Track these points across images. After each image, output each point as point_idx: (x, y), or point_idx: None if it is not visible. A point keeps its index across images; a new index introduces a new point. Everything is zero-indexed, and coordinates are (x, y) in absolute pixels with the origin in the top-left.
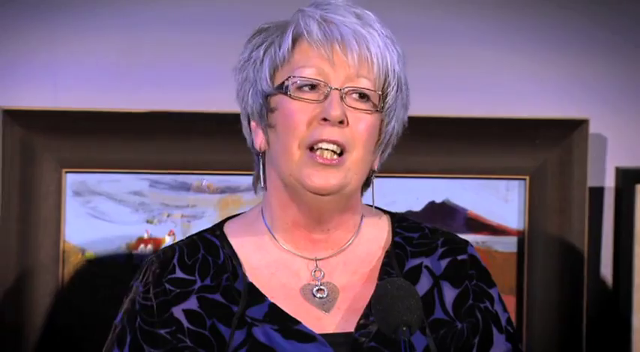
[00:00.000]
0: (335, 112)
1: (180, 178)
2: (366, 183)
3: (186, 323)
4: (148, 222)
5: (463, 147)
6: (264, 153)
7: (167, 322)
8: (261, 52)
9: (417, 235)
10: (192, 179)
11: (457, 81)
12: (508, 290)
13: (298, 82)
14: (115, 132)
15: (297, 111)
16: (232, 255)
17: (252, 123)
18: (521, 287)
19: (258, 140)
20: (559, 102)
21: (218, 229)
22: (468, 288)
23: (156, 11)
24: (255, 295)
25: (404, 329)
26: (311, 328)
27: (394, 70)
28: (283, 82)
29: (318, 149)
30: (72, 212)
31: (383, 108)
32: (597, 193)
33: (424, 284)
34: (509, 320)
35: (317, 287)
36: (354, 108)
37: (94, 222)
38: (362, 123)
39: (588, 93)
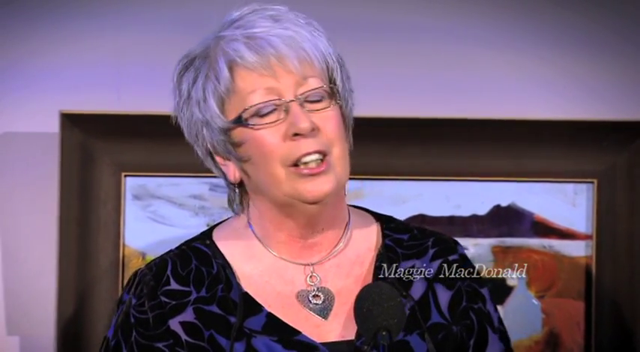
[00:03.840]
0: (304, 124)
1: None
2: None
3: (184, 336)
4: (208, 225)
5: (530, 150)
6: (240, 182)
7: (164, 335)
8: (200, 90)
9: (407, 237)
10: None
11: (523, 83)
12: (576, 296)
13: (254, 110)
14: (175, 135)
15: (267, 138)
16: (225, 265)
17: (217, 158)
18: (590, 292)
19: (231, 173)
20: (627, 104)
21: (207, 238)
22: (461, 289)
23: (215, 13)
24: (251, 305)
25: (383, 333)
26: (311, 336)
27: (330, 53)
28: (240, 116)
29: (301, 163)
30: (132, 216)
31: (338, 95)
32: None
33: (418, 288)
34: (500, 319)
35: (313, 293)
36: (316, 111)
37: (154, 225)
38: (329, 121)
39: None
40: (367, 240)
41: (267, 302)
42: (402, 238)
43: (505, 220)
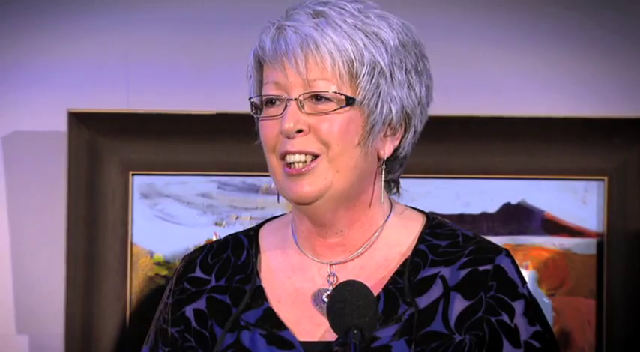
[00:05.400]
0: (286, 125)
1: (249, 180)
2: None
3: (193, 323)
4: (216, 224)
5: (540, 148)
6: None
7: (178, 320)
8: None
9: (446, 243)
10: (261, 181)
11: (533, 81)
12: (588, 293)
13: (256, 101)
14: (183, 134)
15: (266, 128)
16: (255, 256)
17: None
18: (601, 290)
19: None
20: (638, 102)
21: (253, 230)
22: (482, 300)
23: (225, 12)
24: (256, 298)
25: (355, 332)
26: (305, 334)
27: (362, 58)
28: (251, 103)
29: (290, 162)
30: (140, 214)
31: (354, 101)
32: None
33: (432, 295)
34: (537, 333)
35: (328, 292)
36: (314, 113)
37: (162, 224)
38: (326, 123)
39: None
40: (401, 243)
41: (280, 297)
42: (440, 244)
43: (515, 218)
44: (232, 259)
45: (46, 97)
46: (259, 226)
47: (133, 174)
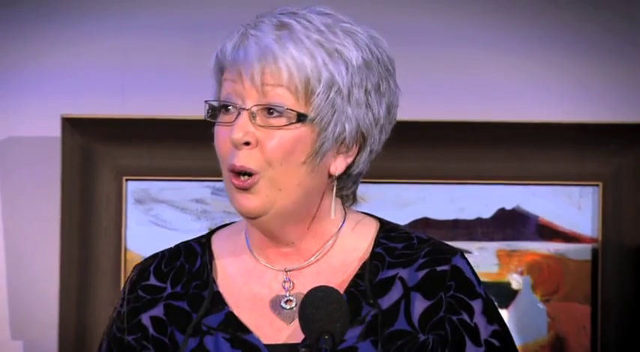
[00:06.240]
0: (235, 136)
1: None
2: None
3: (151, 330)
4: (209, 229)
5: (535, 153)
6: None
7: (135, 328)
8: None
9: (402, 246)
10: None
11: (528, 86)
12: (582, 299)
13: (208, 106)
14: (177, 139)
15: (218, 135)
16: (209, 263)
17: None
18: (596, 296)
19: None
20: (633, 107)
21: (205, 237)
22: (442, 300)
23: (220, 17)
24: (216, 303)
25: (326, 337)
26: (267, 338)
27: (319, 75)
28: (209, 106)
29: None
30: (133, 220)
31: (306, 118)
32: None
33: (393, 296)
34: (496, 333)
35: (286, 298)
36: (264, 126)
37: (156, 229)
38: (273, 140)
39: None
40: (357, 249)
41: (238, 302)
42: (396, 247)
43: (510, 223)
44: (187, 266)
45: (40, 103)
46: (211, 233)
47: (126, 180)
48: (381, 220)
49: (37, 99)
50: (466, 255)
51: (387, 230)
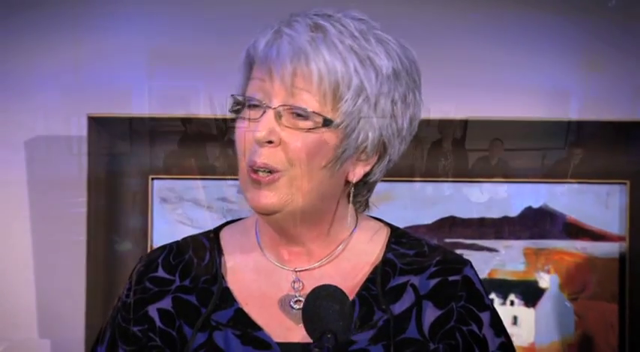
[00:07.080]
0: (259, 134)
1: None
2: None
3: (158, 322)
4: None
5: (561, 151)
6: None
7: (141, 320)
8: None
9: (413, 252)
10: None
11: (555, 84)
12: (610, 298)
13: (233, 100)
14: (202, 138)
15: (240, 131)
16: (218, 258)
17: None
18: (624, 294)
19: None
20: None
21: (213, 232)
22: (453, 310)
23: (246, 17)
24: (226, 299)
25: (328, 336)
26: (277, 337)
27: (349, 82)
28: (233, 99)
29: (253, 168)
30: (160, 219)
31: (332, 123)
32: None
33: (405, 303)
34: (503, 345)
35: (295, 299)
36: (289, 127)
37: (182, 228)
38: (298, 141)
39: None
40: (368, 253)
41: (247, 300)
42: (408, 253)
43: (537, 222)
44: (195, 260)
45: (66, 102)
46: (219, 228)
47: (152, 179)
48: (391, 225)
49: (63, 99)
50: (493, 254)
51: (397, 235)
